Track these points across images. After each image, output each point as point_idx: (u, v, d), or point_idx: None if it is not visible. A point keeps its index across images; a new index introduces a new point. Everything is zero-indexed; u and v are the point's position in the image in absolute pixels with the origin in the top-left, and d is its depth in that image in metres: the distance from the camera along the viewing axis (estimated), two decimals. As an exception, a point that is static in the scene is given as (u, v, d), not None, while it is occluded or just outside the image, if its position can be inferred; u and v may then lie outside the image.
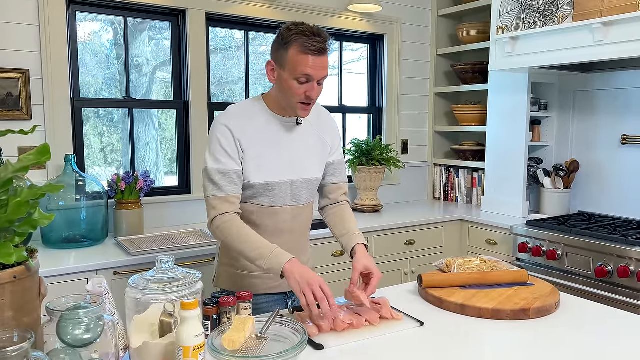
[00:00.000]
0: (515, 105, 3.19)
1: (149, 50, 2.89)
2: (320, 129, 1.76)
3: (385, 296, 1.61)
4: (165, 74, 2.98)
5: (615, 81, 3.00)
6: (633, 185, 2.95)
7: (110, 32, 2.78)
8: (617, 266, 2.42)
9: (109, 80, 2.79)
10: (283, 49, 1.54)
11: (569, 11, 2.55)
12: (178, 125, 2.96)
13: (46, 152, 1.01)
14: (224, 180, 1.59)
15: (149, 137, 2.95)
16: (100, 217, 2.49)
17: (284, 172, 1.65)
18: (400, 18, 3.64)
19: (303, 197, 1.72)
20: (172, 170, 3.00)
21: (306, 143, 1.71)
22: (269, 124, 1.65)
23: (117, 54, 2.81)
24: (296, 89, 1.55)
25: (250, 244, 1.51)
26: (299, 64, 1.52)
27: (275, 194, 1.65)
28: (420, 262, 3.13)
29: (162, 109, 2.97)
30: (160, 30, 2.92)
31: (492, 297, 1.58)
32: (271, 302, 1.74)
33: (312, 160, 1.72)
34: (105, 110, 2.77)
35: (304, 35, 1.52)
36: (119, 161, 2.88)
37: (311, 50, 1.51)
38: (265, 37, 3.24)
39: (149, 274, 1.25)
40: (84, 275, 2.13)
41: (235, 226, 1.55)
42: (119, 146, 2.87)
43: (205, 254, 2.38)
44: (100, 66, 2.76)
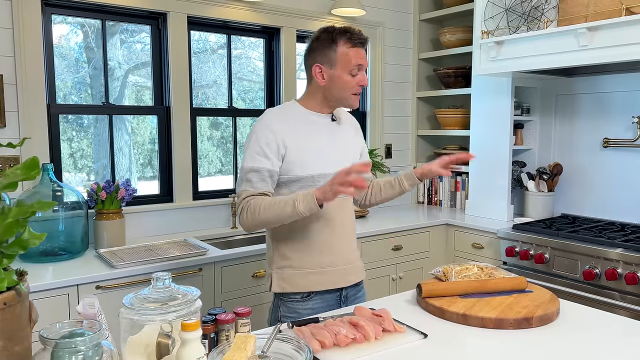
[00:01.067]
0: (499, 109, 3.20)
1: (120, 54, 2.79)
2: (351, 129, 1.89)
3: (383, 306, 1.58)
4: (138, 78, 2.88)
5: (597, 85, 3.04)
6: (615, 188, 2.99)
7: (80, 35, 2.67)
8: (604, 269, 2.44)
9: (78, 85, 2.69)
10: (329, 50, 1.69)
11: (554, 16, 2.57)
12: (159, 131, 2.87)
13: (35, 166, 0.94)
14: (256, 177, 1.67)
15: (122, 143, 2.86)
16: (80, 228, 2.39)
17: (327, 164, 1.74)
18: (382, 22, 3.62)
19: None
20: (145, 175, 2.91)
21: (343, 138, 1.83)
22: (308, 120, 1.76)
23: (87, 58, 2.71)
24: (350, 81, 1.70)
25: (277, 206, 1.60)
26: (351, 57, 1.68)
27: (320, 185, 1.69)
28: (408, 267, 3.11)
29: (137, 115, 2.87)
30: (132, 33, 2.83)
31: (494, 306, 1.55)
32: (324, 304, 1.78)
33: (348, 154, 1.83)
34: (74, 115, 2.65)
35: (346, 32, 1.69)
36: (89, 167, 2.77)
37: (358, 43, 1.69)
38: (240, 39, 3.17)
39: (143, 293, 1.18)
40: (64, 291, 2.03)
41: (259, 201, 1.63)
42: (89, 151, 2.76)
43: (191, 265, 2.31)
44: (69, 70, 2.64)
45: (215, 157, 3.15)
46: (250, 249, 2.48)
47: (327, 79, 1.71)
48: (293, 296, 1.76)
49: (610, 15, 2.34)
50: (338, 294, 1.81)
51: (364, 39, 1.71)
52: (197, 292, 1.20)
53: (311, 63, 1.74)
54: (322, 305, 1.77)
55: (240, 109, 3.18)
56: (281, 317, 1.77)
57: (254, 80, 3.29)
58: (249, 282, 2.47)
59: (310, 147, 1.73)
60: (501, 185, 3.22)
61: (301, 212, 1.56)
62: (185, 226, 2.89)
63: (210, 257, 2.36)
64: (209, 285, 2.36)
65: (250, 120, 3.27)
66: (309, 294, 1.75)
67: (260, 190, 1.66)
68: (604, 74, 2.98)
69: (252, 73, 3.27)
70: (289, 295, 1.76)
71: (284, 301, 1.77)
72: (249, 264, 2.47)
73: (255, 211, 1.62)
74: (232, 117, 3.16)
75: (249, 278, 2.47)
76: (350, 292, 1.85)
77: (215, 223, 2.99)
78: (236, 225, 2.99)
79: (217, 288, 2.39)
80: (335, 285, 1.78)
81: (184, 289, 1.20)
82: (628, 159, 2.93)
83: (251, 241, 2.92)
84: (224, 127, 3.17)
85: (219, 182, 3.15)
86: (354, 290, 1.86)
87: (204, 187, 3.05)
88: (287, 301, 1.77)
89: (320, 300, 1.77)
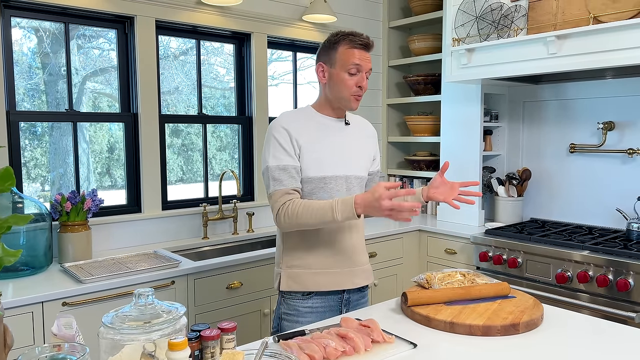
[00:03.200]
0: (469, 116, 3.24)
1: (78, 60, 2.68)
2: (367, 135, 1.92)
3: (368, 315, 1.54)
4: (96, 85, 2.77)
5: (563, 92, 3.12)
6: (581, 192, 3.07)
7: (33, 40, 2.54)
8: (576, 272, 2.48)
9: (30, 91, 2.55)
10: (332, 49, 1.73)
11: (524, 24, 2.62)
12: (126, 139, 2.76)
13: (9, 176, 0.86)
14: (284, 175, 1.70)
15: (79, 151, 2.74)
16: (43, 241, 2.26)
17: (338, 166, 1.77)
18: (353, 29, 3.61)
19: (356, 192, 1.82)
20: (103, 185, 2.79)
21: (356, 143, 1.85)
22: (321, 124, 1.80)
23: (42, 63, 2.58)
24: (348, 80, 1.71)
25: (315, 212, 1.62)
26: (349, 57, 1.70)
27: (332, 187, 1.76)
28: (383, 274, 3.10)
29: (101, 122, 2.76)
30: (90, 38, 2.72)
31: (480, 313, 1.54)
32: (325, 304, 1.79)
33: (361, 159, 1.86)
34: (26, 122, 2.51)
35: (350, 34, 1.73)
36: (44, 176, 2.64)
37: (358, 44, 1.71)
38: (203, 45, 3.09)
39: (124, 311, 1.11)
40: (27, 309, 1.91)
41: (297, 204, 1.65)
42: (43, 161, 2.62)
43: (163, 278, 2.21)
44: (22, 76, 2.51)
45: (176, 165, 3.06)
46: (224, 259, 2.41)
47: (327, 77, 1.76)
48: (294, 294, 1.78)
49: (578, 24, 2.40)
50: (340, 296, 1.82)
51: (365, 42, 1.73)
52: (182, 309, 1.13)
53: (316, 63, 1.79)
54: (322, 304, 1.79)
55: (211, 115, 3.10)
56: (282, 314, 1.81)
57: (217, 87, 3.22)
58: (224, 294, 2.40)
59: (322, 149, 1.76)
60: (472, 190, 3.25)
61: (339, 220, 1.60)
62: (155, 237, 2.79)
63: (182, 269, 2.27)
64: (182, 299, 2.27)
65: (212, 127, 3.20)
66: (310, 293, 1.78)
67: (291, 187, 1.70)
68: (570, 81, 3.06)
69: (215, 80, 3.20)
70: (291, 293, 1.79)
71: (286, 298, 1.80)
72: (223, 276, 2.40)
73: (294, 215, 1.65)
74: (202, 124, 3.08)
75: (223, 290, 2.40)
76: (354, 296, 1.86)
77: (186, 233, 2.90)
78: (207, 235, 2.91)
79: (191, 301, 2.30)
80: (340, 286, 1.79)
81: (167, 306, 1.13)
82: (593, 164, 3.01)
83: (224, 252, 2.84)
84: (184, 134, 3.08)
85: (181, 190, 3.05)
86: (357, 295, 1.88)
87: (169, 197, 2.95)
88: (288, 298, 1.80)
89: (321, 300, 1.79)
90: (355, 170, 1.82)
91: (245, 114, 3.22)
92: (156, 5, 2.72)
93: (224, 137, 3.25)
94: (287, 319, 1.79)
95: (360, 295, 1.89)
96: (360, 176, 1.84)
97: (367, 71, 1.74)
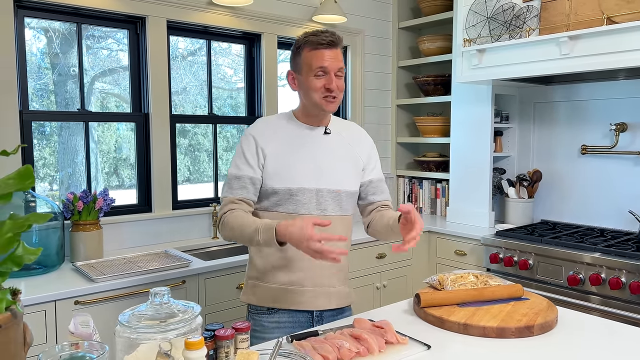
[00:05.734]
0: (479, 117, 3.23)
1: (86, 60, 2.69)
2: (352, 143, 1.77)
3: (380, 316, 1.54)
4: (104, 85, 2.78)
5: (575, 93, 3.10)
6: (593, 194, 3.05)
7: (43, 41, 2.56)
8: (588, 274, 2.46)
9: (39, 92, 2.57)
10: (297, 55, 1.64)
11: (536, 25, 2.60)
12: (137, 138, 2.77)
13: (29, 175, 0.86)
14: (236, 183, 1.64)
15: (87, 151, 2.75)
16: (55, 240, 2.27)
17: (308, 179, 1.65)
18: (362, 30, 3.62)
19: (330, 207, 1.68)
20: (111, 184, 2.81)
21: (335, 153, 1.71)
22: (295, 132, 1.70)
23: (51, 64, 2.59)
24: (315, 83, 1.60)
25: (243, 228, 1.55)
26: (313, 59, 1.60)
27: (299, 200, 1.64)
28: (392, 275, 3.09)
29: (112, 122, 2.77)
30: (99, 39, 2.73)
31: (493, 315, 1.54)
32: (292, 320, 1.69)
33: (341, 171, 1.71)
34: (36, 122, 2.53)
35: (312, 35, 1.61)
36: (52, 176, 2.65)
37: (321, 44, 1.59)
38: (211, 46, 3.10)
39: (140, 309, 1.11)
40: (41, 307, 1.92)
41: (234, 216, 1.58)
42: (52, 160, 2.64)
43: (173, 278, 2.22)
44: (31, 76, 2.52)
45: (183, 166, 3.07)
46: (234, 259, 2.41)
47: (297, 85, 1.67)
48: (260, 308, 1.70)
49: (591, 24, 2.38)
50: (309, 314, 1.69)
51: (329, 39, 1.59)
52: (198, 308, 1.13)
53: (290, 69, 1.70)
54: (289, 320, 1.68)
55: (221, 115, 3.11)
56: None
57: (224, 88, 3.23)
58: (234, 294, 2.40)
59: (291, 159, 1.65)
60: (482, 192, 3.25)
61: (262, 244, 1.51)
62: (165, 237, 2.79)
63: (193, 268, 2.28)
64: (193, 298, 2.28)
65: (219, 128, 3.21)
66: (274, 307, 1.68)
67: (239, 197, 1.63)
68: (582, 82, 3.05)
69: (222, 80, 3.21)
70: (256, 307, 1.71)
71: (252, 313, 1.72)
72: (234, 276, 2.40)
73: (228, 226, 1.59)
74: (212, 124, 3.09)
75: (233, 290, 2.40)
76: (327, 313, 1.72)
77: (196, 233, 2.91)
78: (217, 235, 2.91)
79: (202, 301, 2.31)
80: (300, 306, 1.67)
81: (182, 305, 1.14)
82: (606, 166, 2.99)
83: (233, 252, 2.84)
84: (191, 134, 3.09)
85: (187, 190, 3.05)
86: (331, 312, 1.73)
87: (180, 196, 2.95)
88: (253, 313, 1.71)
89: (287, 316, 1.68)
90: (329, 183, 1.66)
91: (256, 114, 3.23)
92: (167, 5, 2.73)
93: (230, 138, 3.25)
94: (253, 335, 1.64)
95: (335, 312, 1.74)
96: (335, 190, 1.67)
97: (336, 71, 1.60)
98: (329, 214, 1.68)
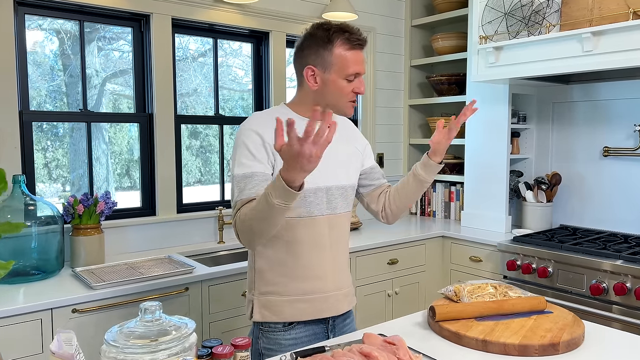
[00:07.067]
0: (496, 117, 3.11)
1: (98, 62, 2.63)
2: (349, 135, 1.69)
3: (392, 330, 1.43)
4: (115, 86, 2.72)
5: (595, 92, 2.97)
6: (615, 198, 2.91)
7: (55, 42, 2.50)
8: (612, 283, 2.33)
9: (52, 93, 2.52)
10: (325, 50, 1.48)
11: (556, 20, 2.48)
12: (141, 140, 2.69)
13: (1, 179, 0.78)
14: (249, 183, 1.46)
15: (99, 152, 2.69)
16: (55, 245, 2.20)
17: (319, 177, 1.52)
18: (374, 27, 3.51)
19: (339, 205, 1.60)
20: (122, 185, 2.74)
21: (338, 147, 1.60)
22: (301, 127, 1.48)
23: (63, 65, 2.53)
24: (345, 87, 1.50)
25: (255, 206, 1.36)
26: (348, 62, 1.47)
27: (312, 201, 1.52)
28: (404, 282, 2.97)
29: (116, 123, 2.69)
30: (110, 40, 2.67)
31: (514, 330, 1.42)
32: (310, 334, 1.58)
33: (343, 165, 1.62)
34: (49, 123, 2.47)
35: (345, 31, 1.47)
36: (65, 177, 2.59)
37: (357, 45, 1.48)
38: (222, 47, 3.02)
39: (129, 326, 1.02)
40: (37, 316, 1.84)
41: (242, 212, 1.41)
42: (64, 161, 2.58)
43: (176, 285, 2.13)
44: (44, 78, 2.47)
45: (194, 167, 2.99)
46: (239, 265, 2.32)
47: (320, 83, 1.50)
48: (274, 325, 1.56)
49: (616, 19, 2.25)
50: (325, 322, 1.61)
51: (363, 40, 1.50)
52: (192, 325, 1.04)
53: (303, 64, 1.52)
54: (306, 334, 1.58)
55: (227, 116, 3.02)
56: (262, 349, 1.57)
57: (235, 89, 3.15)
58: (240, 301, 2.31)
59: None
60: (498, 195, 3.12)
61: (277, 204, 1.26)
62: (169, 241, 2.71)
63: (197, 275, 2.19)
64: (196, 306, 2.19)
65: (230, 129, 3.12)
66: (291, 322, 1.56)
67: (251, 196, 1.43)
68: (603, 81, 2.91)
69: (233, 82, 3.13)
70: (269, 324, 1.56)
71: (264, 331, 1.57)
72: (239, 282, 2.31)
73: (243, 219, 1.39)
74: (219, 124, 3.00)
75: (239, 297, 2.30)
76: (338, 319, 1.65)
77: (201, 237, 2.82)
78: (223, 239, 2.82)
79: (205, 309, 2.21)
80: (323, 314, 1.58)
81: (176, 321, 1.04)
82: (629, 169, 2.85)
83: (239, 257, 2.75)
84: (203, 136, 3.02)
85: (198, 192, 2.98)
86: (342, 317, 1.67)
87: (187, 199, 2.87)
88: (267, 331, 1.57)
89: (305, 329, 1.57)
90: (337, 180, 1.58)
91: (263, 115, 3.13)
92: (172, 3, 2.65)
93: (238, 139, 3.17)
94: (268, 354, 1.55)
95: (345, 316, 1.68)
96: (343, 186, 1.60)
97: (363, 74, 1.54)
98: (339, 212, 1.61)
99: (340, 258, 1.63)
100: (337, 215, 1.60)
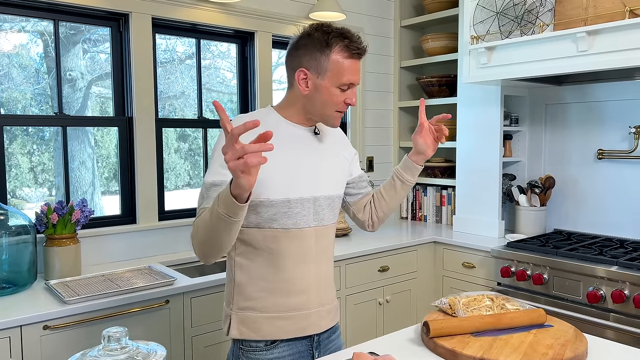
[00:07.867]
0: (487, 119, 3.03)
1: (83, 64, 2.52)
2: (336, 142, 1.60)
3: (383, 346, 1.34)
4: (102, 89, 2.61)
5: (589, 94, 2.90)
6: (611, 202, 2.84)
7: (39, 45, 2.39)
8: (610, 290, 2.26)
9: (38, 96, 2.41)
10: (321, 54, 1.38)
11: (550, 20, 2.41)
12: (120, 144, 2.58)
13: None
14: (214, 192, 1.36)
15: (85, 156, 2.59)
16: (27, 256, 2.08)
17: (307, 187, 1.45)
18: (362, 28, 3.43)
19: (326, 216, 1.52)
20: (110, 189, 2.63)
21: (326, 155, 1.53)
22: (288, 132, 1.46)
23: (47, 68, 2.42)
24: (337, 96, 1.41)
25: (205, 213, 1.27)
26: (345, 70, 1.39)
27: (298, 212, 1.43)
28: (395, 289, 2.88)
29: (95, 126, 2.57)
30: (96, 42, 2.56)
31: (514, 346, 1.33)
32: (293, 352, 1.48)
33: (331, 175, 1.53)
34: (35, 127, 2.36)
35: (345, 37, 1.39)
36: (51, 181, 2.48)
37: (356, 53, 1.40)
38: (209, 49, 2.92)
39: (92, 354, 0.91)
40: (5, 333, 1.72)
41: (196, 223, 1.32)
42: (51, 165, 2.47)
43: (157, 297, 2.02)
44: (29, 81, 2.36)
45: (183, 170, 2.89)
46: (224, 275, 2.21)
47: (311, 88, 1.41)
48: (255, 344, 1.45)
49: (612, 18, 2.19)
50: (309, 340, 1.52)
51: (362, 50, 1.42)
52: (163, 352, 0.93)
53: (296, 65, 1.42)
54: (290, 353, 1.48)
55: (211, 119, 2.92)
56: None
57: (223, 92, 3.05)
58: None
59: (286, 164, 1.42)
60: (491, 199, 3.04)
61: (222, 213, 1.17)
62: (150, 250, 2.60)
63: (178, 287, 2.07)
64: (178, 320, 2.08)
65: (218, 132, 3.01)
66: (274, 341, 1.46)
67: None
68: (597, 82, 2.84)
69: (221, 84, 3.03)
70: (250, 343, 1.46)
71: (244, 351, 1.46)
72: (223, 294, 2.20)
73: (196, 229, 1.30)
74: (202, 128, 2.89)
75: (222, 310, 2.19)
76: (323, 335, 1.56)
77: (184, 246, 2.71)
78: (208, 247, 2.71)
79: (187, 323, 2.10)
80: (304, 332, 1.48)
81: (144, 348, 0.94)
82: (624, 171, 2.79)
83: (224, 267, 2.64)
84: (192, 139, 2.91)
85: (188, 195, 2.88)
86: (327, 332, 1.58)
87: (171, 203, 2.76)
88: (247, 350, 1.46)
89: (288, 348, 1.48)
90: (324, 190, 1.50)
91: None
92: (152, 1, 2.54)
93: (225, 142, 3.07)
94: None
95: (330, 332, 1.58)
96: (330, 196, 1.52)
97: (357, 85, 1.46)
98: (326, 223, 1.52)
99: (325, 271, 1.54)
100: (324, 226, 1.52)
